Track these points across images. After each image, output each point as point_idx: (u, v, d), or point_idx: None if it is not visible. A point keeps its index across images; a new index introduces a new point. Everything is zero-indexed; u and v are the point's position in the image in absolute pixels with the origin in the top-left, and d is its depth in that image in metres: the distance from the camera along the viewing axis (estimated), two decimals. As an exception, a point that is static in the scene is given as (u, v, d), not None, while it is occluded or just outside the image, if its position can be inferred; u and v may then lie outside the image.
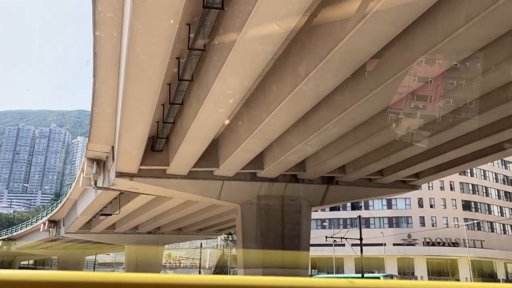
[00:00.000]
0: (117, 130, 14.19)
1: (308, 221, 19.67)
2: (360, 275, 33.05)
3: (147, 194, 20.16)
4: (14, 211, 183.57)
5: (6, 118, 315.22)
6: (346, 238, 32.52)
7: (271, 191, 18.84)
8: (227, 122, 13.67)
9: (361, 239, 28.98)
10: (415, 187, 21.47)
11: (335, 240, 40.72)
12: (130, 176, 16.71)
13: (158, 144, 15.82)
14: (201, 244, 51.24)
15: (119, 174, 16.51)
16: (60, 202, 33.57)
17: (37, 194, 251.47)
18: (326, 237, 40.82)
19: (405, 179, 20.34)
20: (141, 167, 16.35)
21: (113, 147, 16.74)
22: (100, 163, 18.85)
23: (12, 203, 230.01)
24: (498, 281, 57.95)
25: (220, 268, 78.51)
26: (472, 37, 8.79)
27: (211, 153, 16.79)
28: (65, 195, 30.94)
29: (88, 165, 18.67)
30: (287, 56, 10.66)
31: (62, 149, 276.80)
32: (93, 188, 18.71)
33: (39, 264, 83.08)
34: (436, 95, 11.85)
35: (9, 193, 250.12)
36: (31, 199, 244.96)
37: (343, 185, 19.87)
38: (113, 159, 16.56)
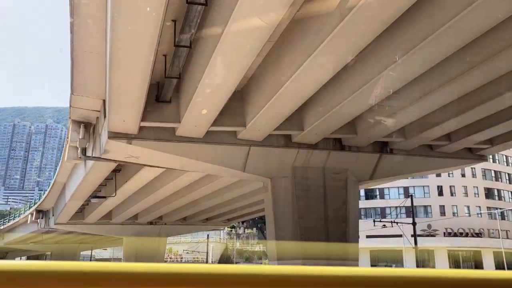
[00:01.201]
0: (107, 67, 9.92)
1: (356, 201, 15.46)
2: None
3: (150, 166, 15.84)
4: (10, 208, 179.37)
5: (2, 116, 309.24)
6: (397, 223, 29.14)
7: (309, 161, 14.62)
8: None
9: (414, 223, 25.59)
10: (483, 158, 17.29)
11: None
12: (128, 137, 12.43)
13: (165, 92, 11.57)
14: (207, 235, 47.09)
15: (113, 135, 12.24)
16: (48, 187, 29.31)
17: (33, 191, 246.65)
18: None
19: (476, 145, 16.13)
20: (143, 124, 12.07)
21: (104, 101, 12.53)
22: (88, 127, 14.64)
23: (9, 199, 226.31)
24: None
25: (224, 262, 75.22)
26: None
27: (234, 108, 12.58)
28: (52, 179, 26.67)
29: (73, 129, 14.45)
30: None
31: (59, 145, 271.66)
32: (80, 158, 14.44)
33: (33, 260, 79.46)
34: None
35: (5, 189, 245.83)
36: (28, 196, 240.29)
37: (398, 154, 15.68)
38: (105, 116, 12.34)
